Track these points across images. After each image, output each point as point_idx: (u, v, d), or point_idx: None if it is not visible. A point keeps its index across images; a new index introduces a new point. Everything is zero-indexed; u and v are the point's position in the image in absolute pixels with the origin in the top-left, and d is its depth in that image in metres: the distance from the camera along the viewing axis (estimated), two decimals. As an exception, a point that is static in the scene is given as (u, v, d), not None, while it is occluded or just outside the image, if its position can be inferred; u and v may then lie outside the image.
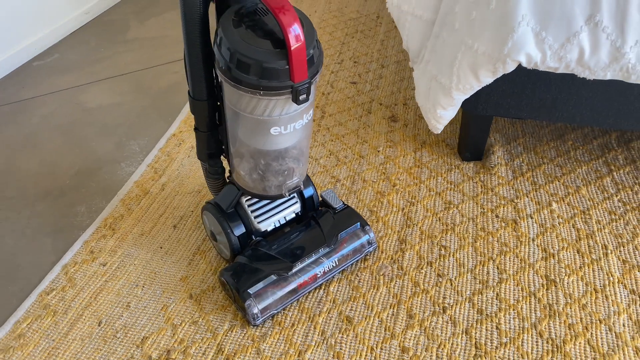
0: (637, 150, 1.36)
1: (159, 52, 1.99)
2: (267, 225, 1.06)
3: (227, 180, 1.08)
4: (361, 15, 2.18)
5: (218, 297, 1.05)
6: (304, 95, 0.80)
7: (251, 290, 0.98)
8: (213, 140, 1.00)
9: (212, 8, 0.84)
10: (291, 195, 1.02)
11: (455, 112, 1.23)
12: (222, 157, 1.04)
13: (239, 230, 1.04)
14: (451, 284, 1.05)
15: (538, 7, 0.99)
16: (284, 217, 1.09)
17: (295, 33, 0.75)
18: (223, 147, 1.01)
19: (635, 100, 1.13)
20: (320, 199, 1.15)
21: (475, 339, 0.95)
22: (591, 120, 1.19)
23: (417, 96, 1.29)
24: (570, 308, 0.99)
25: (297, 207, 1.10)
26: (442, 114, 1.22)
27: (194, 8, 0.82)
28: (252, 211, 1.06)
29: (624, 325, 0.96)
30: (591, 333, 0.95)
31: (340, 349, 0.95)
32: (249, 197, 1.05)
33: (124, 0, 2.42)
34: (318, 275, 1.04)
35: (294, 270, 1.01)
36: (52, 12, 2.05)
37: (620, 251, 1.10)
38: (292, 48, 0.75)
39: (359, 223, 1.10)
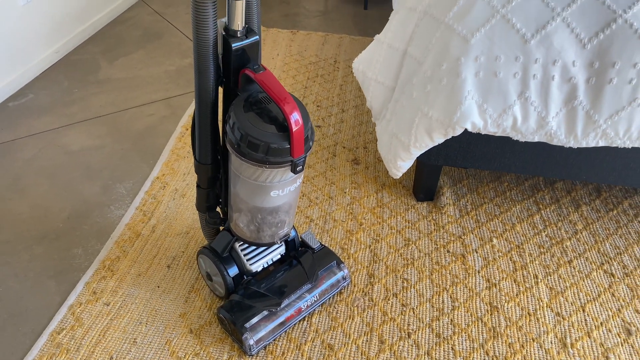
0: (561, 191, 1.63)
1: (131, 93, 2.11)
2: (258, 266, 1.23)
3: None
4: (320, 59, 2.38)
5: (215, 331, 1.21)
6: (301, 167, 0.98)
7: (247, 325, 1.14)
8: (212, 195, 1.17)
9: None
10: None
11: (412, 162, 1.45)
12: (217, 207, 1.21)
13: (233, 271, 1.21)
14: (413, 312, 1.26)
15: (481, 85, 1.22)
16: (272, 259, 1.26)
17: (295, 119, 0.93)
18: (220, 200, 1.18)
19: (557, 154, 1.38)
20: (301, 239, 1.33)
21: (436, 359, 1.15)
22: (522, 170, 1.43)
23: (380, 148, 1.49)
24: (510, 329, 1.22)
25: (282, 249, 1.27)
26: (401, 164, 1.43)
27: (208, 94, 0.99)
28: (245, 254, 1.22)
29: (551, 342, 1.19)
30: (526, 350, 1.17)
31: (326, 372, 1.13)
32: (242, 242, 1.22)
33: (90, 40, 2.51)
34: (302, 309, 1.21)
35: (282, 305, 1.19)
36: (24, 53, 2.13)
37: (547, 280, 1.35)
38: (293, 131, 0.93)
39: (335, 261, 1.29)
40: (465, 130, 1.28)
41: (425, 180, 1.56)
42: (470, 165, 1.45)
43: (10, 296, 1.29)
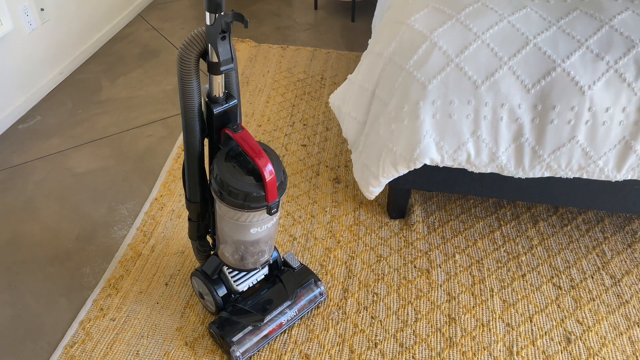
0: (521, 207, 1.79)
1: (132, 113, 2.28)
2: (244, 286, 1.41)
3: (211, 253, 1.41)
4: (308, 76, 2.54)
5: (207, 344, 1.39)
6: (275, 209, 1.15)
7: (234, 339, 1.32)
8: (202, 226, 1.34)
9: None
10: (262, 266, 1.37)
11: (383, 188, 1.61)
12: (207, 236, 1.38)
13: (222, 291, 1.38)
14: (381, 324, 1.43)
15: (437, 125, 1.39)
16: (256, 279, 1.43)
17: (268, 170, 1.10)
18: (209, 230, 1.36)
19: (511, 180, 1.54)
20: (283, 259, 1.50)
21: (398, 366, 1.33)
22: (481, 193, 1.60)
23: (355, 174, 1.66)
24: (464, 339, 1.40)
25: (265, 270, 1.45)
26: (372, 189, 1.60)
27: (194, 147, 1.15)
28: (232, 276, 1.40)
29: (500, 351, 1.37)
30: (477, 358, 1.35)
31: (302, 379, 1.31)
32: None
33: (91, 58, 2.67)
34: (283, 323, 1.39)
35: (265, 321, 1.36)
36: (31, 76, 2.29)
37: (502, 293, 1.52)
38: (267, 180, 1.10)
39: (313, 279, 1.47)
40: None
41: (397, 200, 1.73)
42: (434, 189, 1.62)
43: (28, 313, 1.47)
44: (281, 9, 3.26)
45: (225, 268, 1.39)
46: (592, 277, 1.56)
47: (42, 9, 2.31)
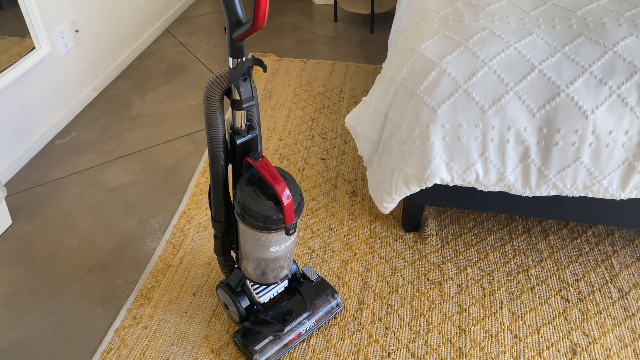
0: (532, 220, 1.86)
1: (160, 129, 2.40)
2: (265, 298, 1.51)
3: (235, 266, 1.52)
4: (327, 89, 2.63)
5: (232, 351, 1.49)
6: (292, 230, 1.25)
7: (256, 348, 1.42)
8: (227, 242, 1.45)
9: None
10: (282, 279, 1.47)
11: (397, 204, 1.70)
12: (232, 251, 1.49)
13: (245, 302, 1.49)
14: (394, 335, 1.52)
15: (447, 147, 1.46)
16: (277, 291, 1.53)
17: (285, 195, 1.20)
18: (233, 246, 1.46)
19: (521, 197, 1.61)
20: (302, 272, 1.60)
21: (409, 375, 1.42)
22: (491, 209, 1.67)
23: (370, 189, 1.75)
24: (473, 350, 1.47)
25: (286, 283, 1.55)
26: (386, 205, 1.68)
27: (219, 173, 1.26)
28: (254, 289, 1.50)
29: (507, 361, 1.45)
30: (485, 368, 1.43)
31: (319, 386, 1.41)
32: (252, 279, 1.49)
33: (122, 74, 2.81)
34: (302, 333, 1.49)
35: (285, 331, 1.46)
36: (67, 94, 2.44)
37: (511, 305, 1.59)
38: (284, 205, 1.20)
39: (330, 291, 1.56)
40: (438, 181, 1.52)
41: (411, 214, 1.81)
42: (447, 204, 1.70)
43: (69, 321, 1.60)
44: (302, 22, 3.36)
45: (247, 281, 1.50)
46: (600, 290, 1.62)
47: (76, 31, 2.45)
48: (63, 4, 2.34)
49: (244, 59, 1.05)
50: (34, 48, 2.19)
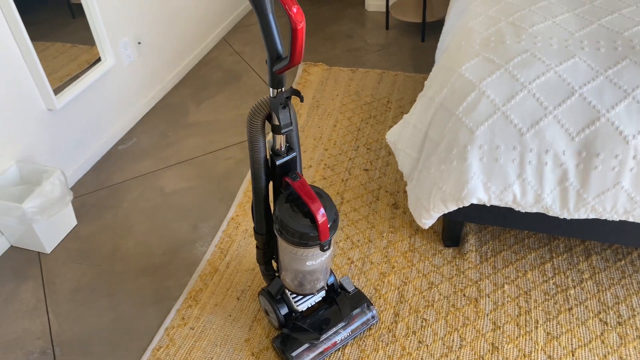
0: (575, 240, 1.84)
1: (214, 136, 2.53)
2: (303, 306, 1.58)
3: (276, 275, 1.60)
4: (374, 99, 2.68)
5: (271, 356, 1.58)
6: (327, 247, 1.31)
7: (293, 354, 1.50)
8: (268, 253, 1.53)
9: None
10: (319, 290, 1.54)
11: (435, 220, 1.73)
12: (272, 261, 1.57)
13: (284, 310, 1.57)
14: (427, 349, 1.56)
15: (484, 167, 1.49)
16: (315, 300, 1.61)
17: (321, 213, 1.27)
18: (274, 256, 1.55)
19: (555, 220, 1.61)
20: (339, 283, 1.67)
21: (439, 389, 1.46)
22: (530, 227, 1.67)
23: (409, 204, 1.79)
24: (505, 368, 1.49)
25: (323, 293, 1.62)
26: (425, 221, 1.72)
27: (261, 190, 1.34)
28: (293, 297, 1.58)
29: (538, 382, 1.46)
30: (515, 387, 1.45)
31: (351, 394, 1.47)
32: (291, 288, 1.57)
33: (180, 82, 2.97)
34: (337, 342, 1.56)
35: (321, 339, 1.54)
36: (129, 102, 2.61)
37: (547, 325, 1.59)
38: (319, 223, 1.27)
39: (366, 303, 1.62)
40: (475, 200, 1.55)
41: (451, 229, 1.83)
42: (486, 222, 1.71)
43: (124, 318, 1.74)
44: (354, 30, 3.41)
45: (287, 290, 1.58)
46: (642, 315, 1.60)
47: (139, 43, 2.61)
48: (127, 18, 2.50)
49: (283, 89, 1.12)
50: (99, 59, 2.35)
